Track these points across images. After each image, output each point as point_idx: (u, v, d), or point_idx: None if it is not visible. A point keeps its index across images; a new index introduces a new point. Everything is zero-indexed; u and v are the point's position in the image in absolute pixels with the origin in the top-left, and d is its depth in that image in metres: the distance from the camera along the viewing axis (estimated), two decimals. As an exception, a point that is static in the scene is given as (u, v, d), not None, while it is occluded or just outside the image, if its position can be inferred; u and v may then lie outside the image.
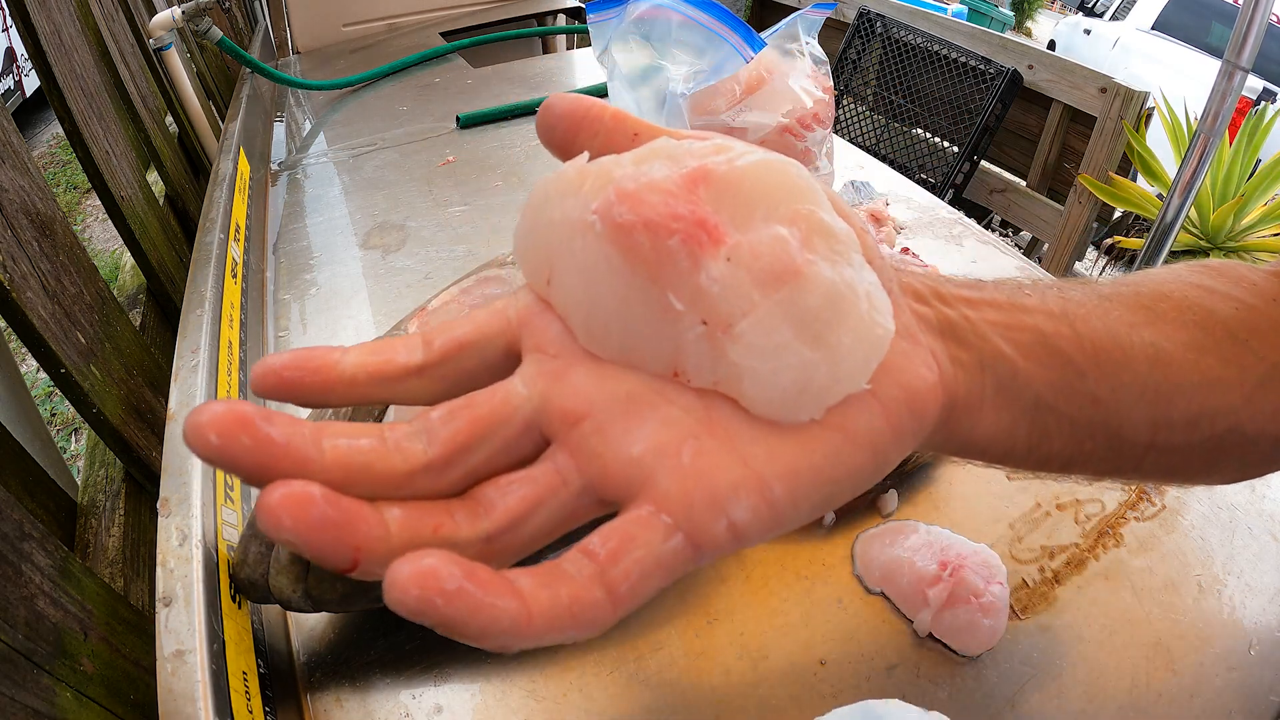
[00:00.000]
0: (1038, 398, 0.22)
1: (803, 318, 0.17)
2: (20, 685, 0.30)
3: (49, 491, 0.48)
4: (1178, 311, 0.24)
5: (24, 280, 0.45)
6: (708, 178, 0.17)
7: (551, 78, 1.03)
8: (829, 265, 0.17)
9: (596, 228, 0.17)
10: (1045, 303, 0.23)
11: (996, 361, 0.21)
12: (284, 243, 0.69)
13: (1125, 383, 0.23)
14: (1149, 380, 0.23)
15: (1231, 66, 0.98)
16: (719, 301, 0.17)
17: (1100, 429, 0.23)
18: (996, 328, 0.22)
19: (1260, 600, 0.36)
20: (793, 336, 0.17)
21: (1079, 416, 0.22)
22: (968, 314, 0.22)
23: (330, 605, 0.32)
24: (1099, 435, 0.23)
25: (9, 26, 3.06)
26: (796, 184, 0.18)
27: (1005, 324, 0.22)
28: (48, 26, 0.61)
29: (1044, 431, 0.22)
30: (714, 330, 0.17)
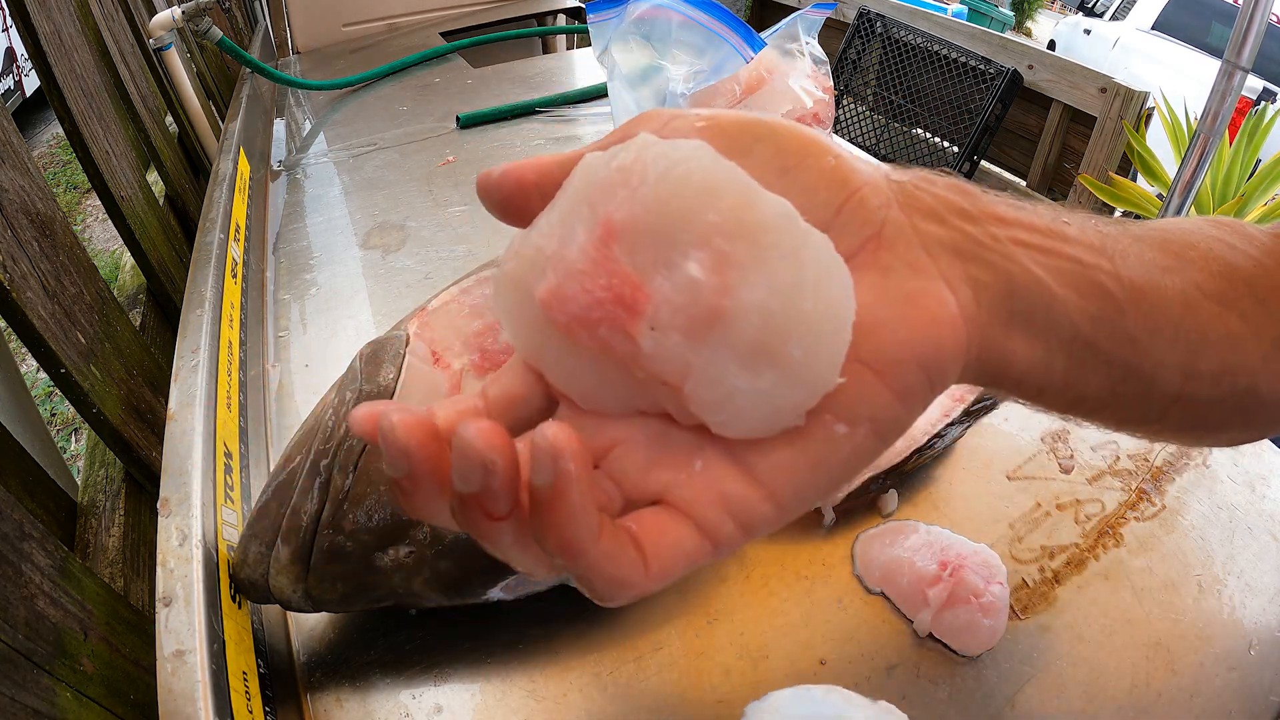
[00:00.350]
0: (1076, 330, 0.20)
1: (743, 352, 0.17)
2: (20, 685, 0.30)
3: (49, 491, 0.48)
4: (1204, 261, 0.23)
5: (24, 280, 0.45)
6: (613, 233, 0.17)
7: (551, 78, 1.03)
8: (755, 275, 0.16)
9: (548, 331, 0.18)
10: (1084, 234, 0.21)
11: (1029, 286, 0.20)
12: (284, 243, 0.69)
13: (1160, 326, 0.21)
14: (1181, 327, 0.22)
15: (1231, 66, 0.98)
16: (662, 369, 0.17)
17: (1135, 374, 0.22)
18: (1031, 251, 0.20)
19: (1260, 600, 0.36)
20: (740, 374, 0.17)
21: (1116, 356, 0.21)
22: (995, 232, 0.20)
23: (330, 605, 0.32)
24: (1133, 380, 0.22)
25: (9, 26, 3.06)
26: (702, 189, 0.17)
27: (1042, 248, 0.20)
28: (48, 26, 0.61)
29: (1081, 369, 0.21)
30: (672, 391, 0.18)
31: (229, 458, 0.41)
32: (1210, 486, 0.42)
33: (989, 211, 0.20)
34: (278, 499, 0.32)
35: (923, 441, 0.40)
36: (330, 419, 0.33)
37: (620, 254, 0.17)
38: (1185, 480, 0.42)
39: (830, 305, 0.17)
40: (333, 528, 0.31)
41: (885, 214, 0.19)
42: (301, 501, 0.31)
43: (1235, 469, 0.43)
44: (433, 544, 0.31)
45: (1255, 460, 0.43)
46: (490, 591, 0.33)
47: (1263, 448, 0.44)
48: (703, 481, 0.18)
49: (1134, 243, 0.22)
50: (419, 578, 0.31)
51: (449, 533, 0.31)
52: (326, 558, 0.31)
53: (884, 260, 0.19)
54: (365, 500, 0.31)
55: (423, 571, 0.31)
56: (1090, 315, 0.20)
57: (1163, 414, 0.23)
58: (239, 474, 0.41)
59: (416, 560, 0.31)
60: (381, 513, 0.31)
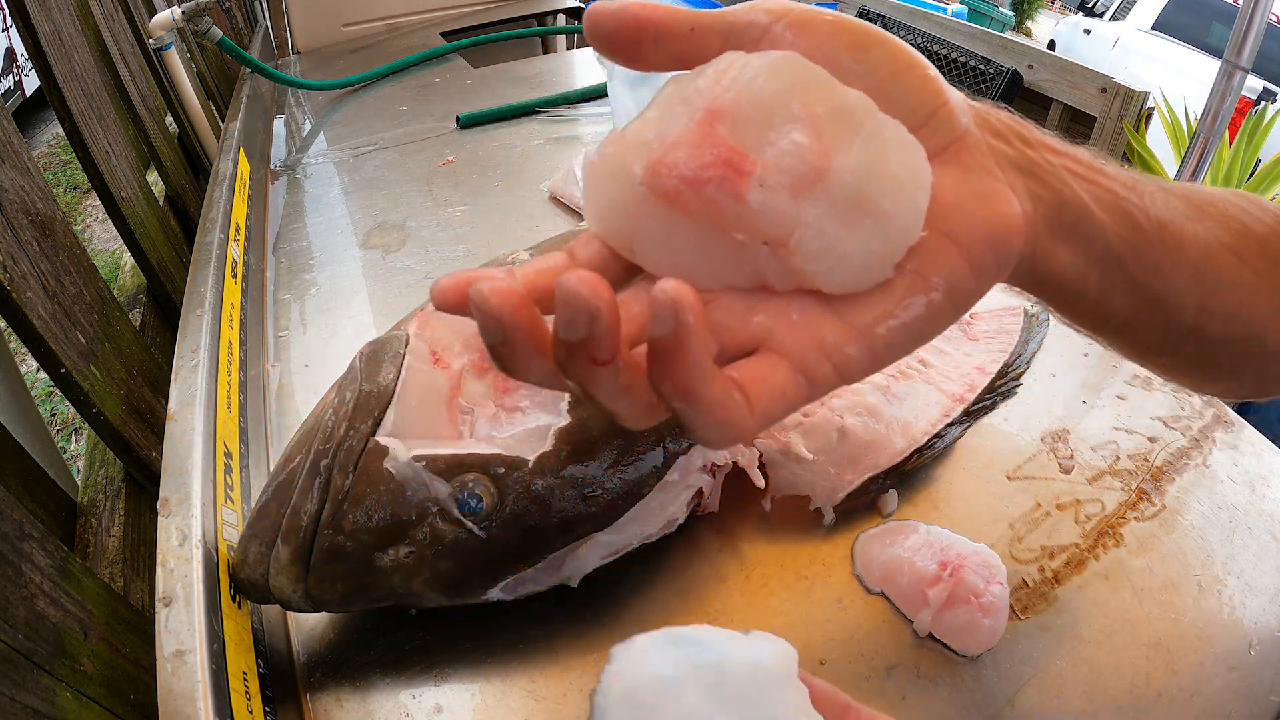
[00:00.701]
0: (1109, 249, 0.24)
1: (841, 206, 0.19)
2: (20, 685, 0.30)
3: (49, 491, 0.48)
4: (1223, 218, 0.26)
5: (24, 280, 0.45)
6: (719, 115, 0.19)
7: (551, 78, 1.03)
8: (848, 144, 0.19)
9: (651, 200, 0.19)
10: (1119, 174, 0.25)
11: (1076, 204, 0.23)
12: (284, 243, 0.69)
13: (1180, 262, 0.25)
14: (1199, 267, 0.25)
15: (1231, 66, 0.98)
16: (769, 226, 0.19)
17: (1156, 300, 0.25)
18: (1077, 178, 0.23)
19: (1260, 600, 0.36)
20: (839, 227, 0.19)
21: (1141, 280, 0.24)
22: (1049, 159, 0.23)
23: (330, 605, 0.32)
24: (1154, 306, 0.25)
25: (9, 26, 3.06)
26: (797, 78, 0.19)
27: (1086, 177, 0.23)
28: (48, 26, 0.61)
29: (1111, 285, 0.24)
30: (775, 248, 0.19)
31: (229, 458, 0.41)
32: (1210, 486, 0.42)
33: (1043, 142, 0.23)
34: (278, 499, 0.32)
35: (923, 441, 0.41)
36: (330, 419, 0.33)
37: (724, 131, 0.19)
38: (1185, 480, 0.42)
39: (911, 168, 0.19)
40: (333, 528, 0.31)
41: (967, 125, 0.21)
42: (301, 501, 0.31)
43: (1235, 469, 0.43)
44: (433, 544, 0.31)
45: (1255, 460, 0.44)
46: (490, 591, 0.33)
47: (1263, 447, 0.44)
48: (801, 329, 0.20)
49: (1160, 191, 0.25)
50: (419, 578, 0.31)
51: (449, 533, 0.31)
52: (326, 558, 0.31)
53: (964, 161, 0.21)
54: (365, 500, 0.31)
55: (423, 571, 0.31)
56: (1122, 238, 0.24)
57: (1178, 346, 0.26)
58: (239, 474, 0.41)
59: (416, 560, 0.31)
60: (381, 513, 0.31)
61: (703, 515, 0.39)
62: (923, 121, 0.21)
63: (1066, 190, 0.23)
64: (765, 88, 0.19)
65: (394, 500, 0.31)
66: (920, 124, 0.21)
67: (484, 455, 0.32)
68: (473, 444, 0.33)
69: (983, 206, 0.21)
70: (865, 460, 0.39)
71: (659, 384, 0.18)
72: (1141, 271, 0.24)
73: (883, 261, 0.20)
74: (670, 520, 0.36)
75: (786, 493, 0.39)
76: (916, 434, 0.41)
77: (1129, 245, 0.24)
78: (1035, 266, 0.23)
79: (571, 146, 0.81)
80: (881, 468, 0.39)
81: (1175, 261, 0.24)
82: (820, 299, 0.20)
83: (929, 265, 0.20)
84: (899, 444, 0.40)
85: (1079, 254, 0.23)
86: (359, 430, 0.32)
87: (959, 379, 0.46)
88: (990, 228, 0.21)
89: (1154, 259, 0.24)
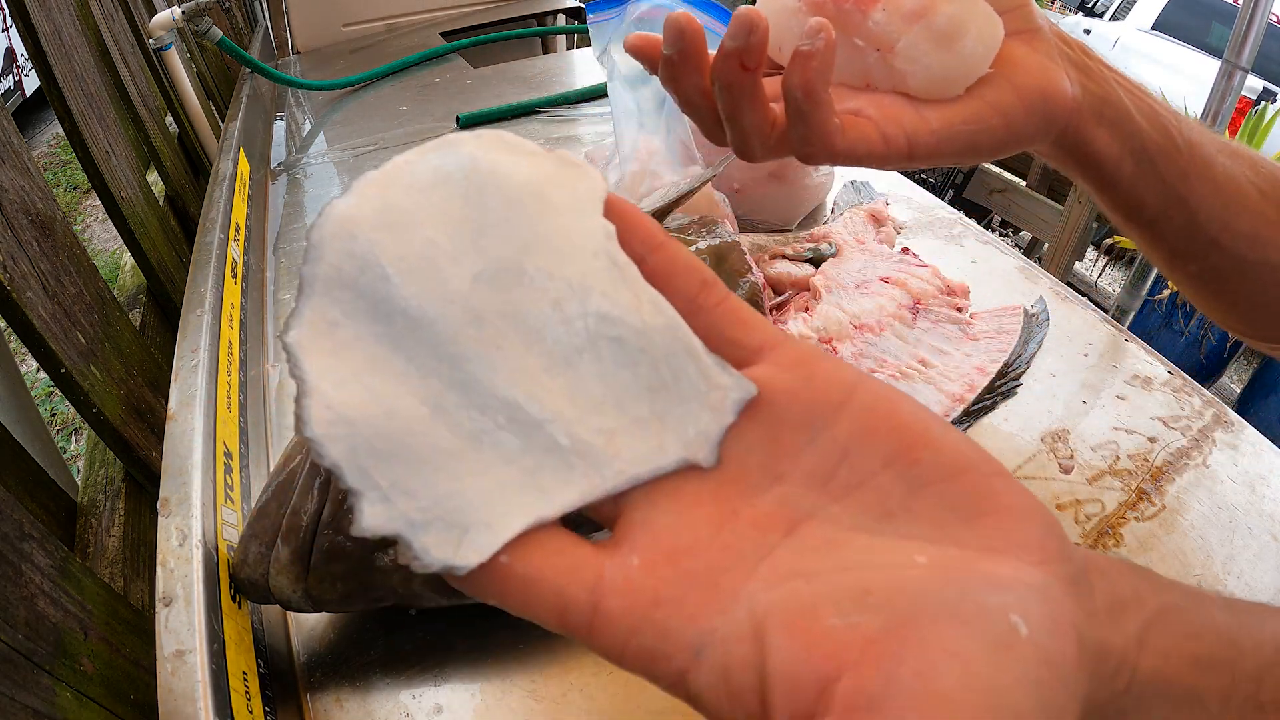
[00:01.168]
0: (1144, 146, 0.29)
1: (936, 34, 0.26)
2: (20, 685, 0.30)
3: (49, 491, 0.48)
4: (1253, 162, 0.31)
5: (24, 280, 0.45)
6: None
7: (551, 78, 1.03)
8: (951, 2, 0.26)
9: (802, 12, 0.27)
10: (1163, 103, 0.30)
11: (1118, 104, 0.28)
12: (284, 243, 0.69)
13: (1206, 177, 0.29)
14: (1224, 188, 0.29)
15: (1231, 66, 0.98)
16: (883, 35, 0.26)
17: (1182, 204, 0.29)
18: (1123, 88, 0.29)
19: (1260, 600, 0.36)
20: (932, 46, 0.26)
21: (1170, 179, 0.29)
22: (1103, 70, 0.29)
23: (330, 605, 0.32)
24: (1181, 206, 0.30)
25: (9, 26, 3.06)
26: None
27: (1131, 90, 0.29)
28: (48, 26, 0.61)
29: (1143, 176, 0.29)
30: (884, 53, 0.27)
31: (229, 458, 0.41)
32: (1210, 486, 0.42)
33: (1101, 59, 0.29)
34: (278, 499, 0.32)
35: (923, 441, 0.40)
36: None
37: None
38: (1185, 480, 0.42)
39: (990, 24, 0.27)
40: (333, 528, 0.31)
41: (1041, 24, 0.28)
42: (301, 501, 0.31)
43: (1235, 469, 0.43)
44: (433, 544, 0.31)
45: (1255, 460, 0.43)
46: (490, 591, 0.33)
47: (1263, 447, 0.44)
48: (889, 108, 0.27)
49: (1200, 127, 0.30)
50: (419, 578, 0.31)
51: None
52: (326, 558, 0.31)
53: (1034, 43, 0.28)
54: (365, 500, 0.31)
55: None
56: (1156, 143, 0.29)
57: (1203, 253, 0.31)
58: (239, 474, 0.41)
59: (416, 560, 0.31)
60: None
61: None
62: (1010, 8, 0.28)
63: (1112, 93, 0.28)
64: None
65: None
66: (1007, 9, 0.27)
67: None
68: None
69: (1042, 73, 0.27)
70: (865, 460, 0.39)
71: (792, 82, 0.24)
72: (1171, 173, 0.29)
73: (958, 79, 0.27)
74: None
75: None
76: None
77: (1161, 150, 0.29)
78: (1079, 142, 0.28)
79: (571, 146, 0.81)
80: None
81: (1202, 175, 0.29)
82: (907, 99, 0.27)
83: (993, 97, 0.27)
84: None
85: (1117, 142, 0.28)
86: (359, 430, 0.32)
87: (959, 379, 0.46)
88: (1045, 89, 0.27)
89: (1182, 166, 0.29)
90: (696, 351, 0.17)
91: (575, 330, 0.16)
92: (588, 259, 0.16)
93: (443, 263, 0.16)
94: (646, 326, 0.16)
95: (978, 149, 0.27)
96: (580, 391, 0.16)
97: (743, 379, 0.17)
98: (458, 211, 0.16)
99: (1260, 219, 0.30)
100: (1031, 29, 0.28)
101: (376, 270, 0.15)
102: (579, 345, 0.16)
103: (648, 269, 0.17)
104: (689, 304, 0.17)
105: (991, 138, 0.27)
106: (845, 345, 0.47)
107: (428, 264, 0.16)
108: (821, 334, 0.47)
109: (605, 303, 0.16)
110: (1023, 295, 0.55)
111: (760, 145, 0.27)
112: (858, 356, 0.46)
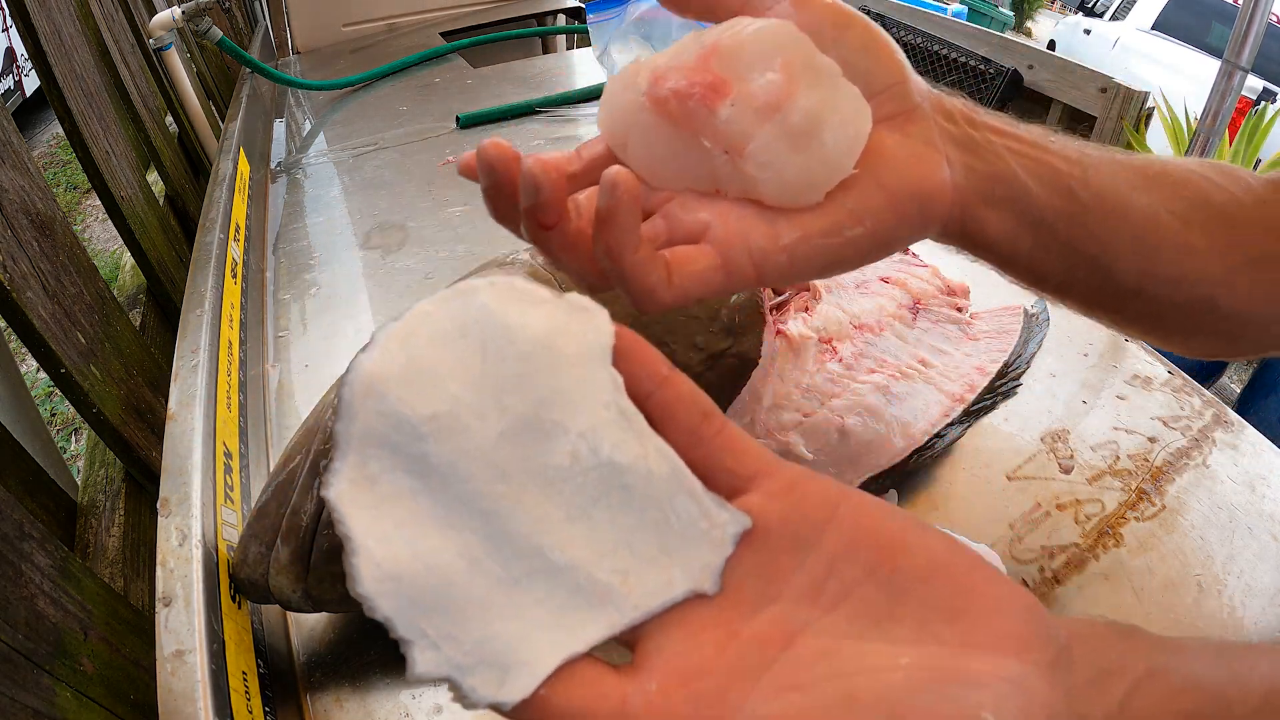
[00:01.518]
0: (1041, 216, 0.26)
1: (791, 132, 0.23)
2: (20, 685, 0.30)
3: (49, 491, 0.48)
4: (1175, 187, 0.28)
5: (24, 280, 0.45)
6: (716, 50, 0.23)
7: (551, 78, 1.03)
8: (810, 91, 0.23)
9: (646, 105, 0.24)
10: (1065, 150, 0.27)
11: (1009, 178, 0.26)
12: (284, 243, 0.69)
13: (1118, 228, 0.27)
14: (1139, 232, 0.27)
15: (1231, 66, 0.98)
16: (732, 135, 0.23)
17: (1092, 262, 0.27)
18: (1015, 155, 0.26)
19: (1260, 600, 0.36)
20: (787, 148, 0.23)
21: (1075, 243, 0.27)
22: (991, 138, 0.26)
23: (330, 605, 0.32)
24: (1091, 267, 0.27)
25: (9, 26, 3.06)
26: (784, 40, 0.24)
27: (1024, 154, 0.26)
28: (48, 26, 0.61)
29: (1043, 247, 0.27)
30: (733, 156, 0.23)
31: (229, 458, 0.41)
32: (1210, 486, 0.42)
33: (989, 124, 0.27)
34: (277, 499, 0.32)
35: (922, 441, 0.41)
36: (330, 419, 0.33)
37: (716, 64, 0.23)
38: (1185, 480, 0.42)
39: (855, 116, 0.24)
40: (332, 528, 0.31)
41: (919, 102, 0.25)
42: (301, 501, 0.31)
43: (1235, 469, 0.43)
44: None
45: (1255, 460, 0.43)
46: (490, 591, 0.33)
47: (1263, 447, 0.44)
48: (735, 227, 0.24)
49: (1112, 163, 0.27)
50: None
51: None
52: (326, 558, 0.31)
53: (909, 129, 0.25)
54: (365, 500, 0.31)
55: (423, 571, 0.31)
56: (1055, 209, 0.26)
57: (1122, 305, 0.29)
58: (239, 474, 0.41)
59: (416, 560, 0.31)
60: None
61: (703, 515, 0.39)
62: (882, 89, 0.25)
63: (1003, 167, 0.26)
64: (758, 41, 0.24)
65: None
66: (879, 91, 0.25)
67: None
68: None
69: (916, 167, 0.24)
70: (865, 460, 0.39)
71: (596, 244, 0.22)
72: (1077, 237, 0.27)
73: (816, 184, 0.24)
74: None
75: (786, 493, 0.39)
76: (916, 434, 0.41)
77: (1063, 214, 0.26)
78: (966, 228, 0.26)
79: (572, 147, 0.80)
80: (881, 468, 0.39)
81: (1116, 226, 0.27)
82: (759, 209, 0.24)
83: (858, 203, 0.24)
84: (899, 444, 0.40)
85: (1010, 220, 0.26)
86: (359, 430, 0.32)
87: (959, 379, 0.46)
88: (918, 186, 0.24)
89: (1089, 227, 0.26)
90: (697, 493, 0.19)
91: (590, 480, 0.18)
92: (598, 410, 0.18)
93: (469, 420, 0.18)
94: (652, 474, 0.18)
95: (841, 262, 0.25)
96: (596, 536, 0.18)
97: (738, 513, 0.19)
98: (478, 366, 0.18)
99: (1184, 254, 0.27)
100: (907, 110, 0.25)
101: (409, 429, 0.17)
102: (594, 495, 0.18)
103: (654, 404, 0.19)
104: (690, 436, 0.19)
105: (855, 249, 0.24)
106: (845, 345, 0.47)
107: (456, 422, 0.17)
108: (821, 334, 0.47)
109: (615, 453, 0.18)
110: (1023, 295, 0.55)
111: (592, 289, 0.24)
112: (858, 356, 0.46)
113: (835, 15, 0.25)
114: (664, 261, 0.23)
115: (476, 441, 0.17)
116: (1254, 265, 0.27)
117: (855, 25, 0.25)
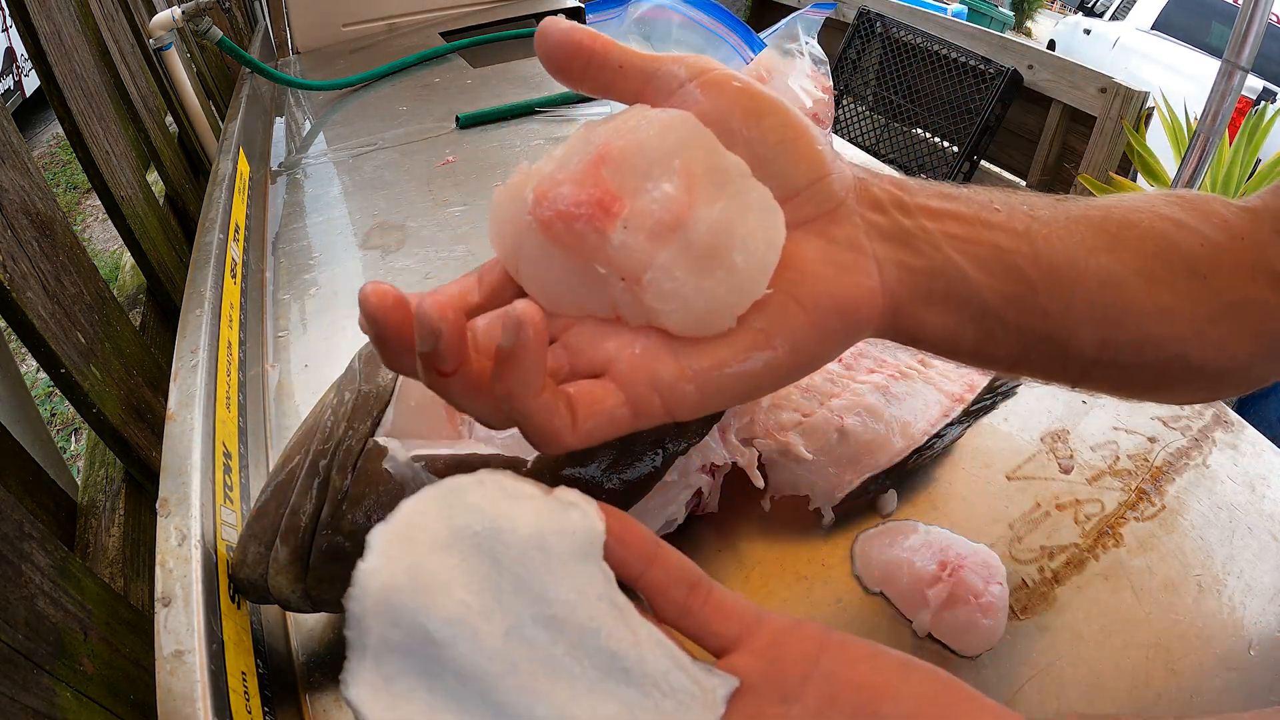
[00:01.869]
0: (985, 305, 0.24)
1: (694, 255, 0.21)
2: (20, 685, 0.30)
3: (49, 491, 0.48)
4: (1139, 241, 0.25)
5: (24, 280, 0.45)
6: (606, 158, 0.21)
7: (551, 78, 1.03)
8: (713, 203, 0.21)
9: (533, 225, 0.21)
10: (1011, 220, 0.25)
11: (947, 271, 0.24)
12: (284, 243, 0.69)
13: (1075, 301, 0.24)
14: (1098, 301, 0.25)
15: (1231, 66, 0.98)
16: (626, 263, 0.21)
17: (1048, 340, 0.25)
18: (953, 240, 0.24)
19: (1260, 600, 0.36)
20: (689, 272, 0.21)
21: (1026, 326, 0.25)
22: (926, 224, 0.24)
23: (330, 605, 0.32)
24: (1046, 345, 0.25)
25: (9, 26, 3.06)
26: (684, 138, 0.21)
27: (963, 237, 0.24)
28: (48, 27, 0.61)
29: (989, 335, 0.25)
30: (630, 284, 0.21)
31: (228, 458, 0.41)
32: (1210, 486, 0.42)
33: (922, 205, 0.24)
34: (276, 499, 0.32)
35: (922, 441, 0.40)
36: (329, 419, 0.33)
37: (607, 174, 0.21)
38: (1185, 480, 0.42)
39: (766, 229, 0.21)
40: (331, 528, 0.31)
41: (843, 198, 0.23)
42: (300, 502, 0.31)
43: (1235, 469, 0.43)
44: (432, 544, 0.31)
45: (1255, 460, 0.43)
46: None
47: (1263, 447, 0.44)
48: (640, 361, 0.21)
49: (1066, 223, 0.25)
50: (418, 578, 0.31)
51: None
52: (325, 558, 0.31)
53: (831, 232, 0.23)
54: (364, 500, 0.31)
55: (422, 572, 0.31)
56: (1001, 294, 0.24)
57: (1085, 373, 0.27)
58: (238, 474, 0.41)
59: (416, 560, 0.31)
60: (380, 513, 0.31)
61: (702, 515, 0.39)
62: (801, 188, 0.22)
63: (939, 256, 0.23)
64: (654, 142, 0.21)
65: (393, 500, 0.31)
66: (797, 191, 0.22)
67: (483, 455, 0.32)
68: (471, 444, 0.33)
69: (838, 277, 0.22)
70: (865, 460, 0.39)
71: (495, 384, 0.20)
72: (1025, 319, 0.24)
73: (726, 311, 0.21)
74: (669, 521, 0.36)
75: (786, 493, 0.39)
76: (916, 434, 0.41)
77: (1011, 299, 0.24)
78: (901, 328, 0.24)
79: (571, 146, 0.80)
80: (881, 468, 0.39)
81: (1067, 302, 0.24)
82: (665, 338, 0.22)
83: (774, 325, 0.22)
84: (898, 444, 0.40)
85: (950, 315, 0.24)
86: (358, 430, 0.32)
87: (959, 379, 0.46)
88: (842, 299, 0.22)
89: (1040, 305, 0.24)
90: (686, 665, 0.21)
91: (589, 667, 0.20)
92: (593, 603, 0.20)
93: (477, 622, 0.19)
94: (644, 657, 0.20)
95: (760, 389, 0.22)
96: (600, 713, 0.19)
97: (725, 676, 0.21)
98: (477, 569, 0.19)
99: (1149, 317, 0.25)
100: (829, 210, 0.23)
101: (422, 634, 0.19)
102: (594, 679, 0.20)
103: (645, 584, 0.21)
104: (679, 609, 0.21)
105: (773, 375, 0.22)
106: (845, 345, 0.47)
107: (465, 627, 0.19)
108: (821, 334, 0.47)
109: (611, 642, 0.20)
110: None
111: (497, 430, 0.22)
112: (857, 356, 0.46)
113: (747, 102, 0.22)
114: (567, 400, 0.21)
115: (487, 643, 0.19)
116: (1230, 312, 0.26)
117: (770, 114, 0.22)
